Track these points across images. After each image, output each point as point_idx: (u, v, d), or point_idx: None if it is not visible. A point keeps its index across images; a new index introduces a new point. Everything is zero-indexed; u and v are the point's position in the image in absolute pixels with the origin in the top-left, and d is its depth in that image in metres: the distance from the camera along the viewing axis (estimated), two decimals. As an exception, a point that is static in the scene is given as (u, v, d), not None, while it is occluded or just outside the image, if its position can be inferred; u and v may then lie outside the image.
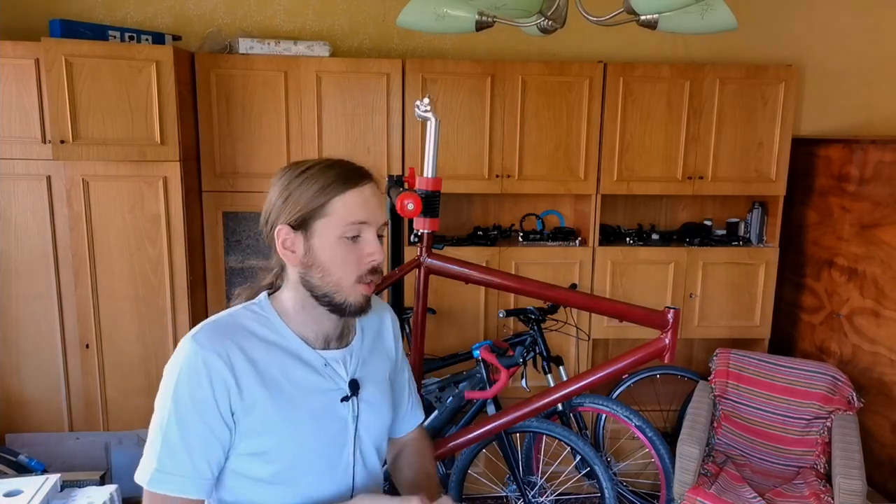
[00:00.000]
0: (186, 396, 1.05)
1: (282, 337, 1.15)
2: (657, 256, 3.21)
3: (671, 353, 1.40)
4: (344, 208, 1.10)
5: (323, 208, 1.10)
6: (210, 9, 3.18)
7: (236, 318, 1.15)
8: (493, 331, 3.19)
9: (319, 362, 1.16)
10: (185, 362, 1.07)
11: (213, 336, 1.09)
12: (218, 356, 1.07)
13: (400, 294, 2.02)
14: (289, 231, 1.12)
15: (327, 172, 1.12)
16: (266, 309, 1.17)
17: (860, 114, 3.48)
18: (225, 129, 2.96)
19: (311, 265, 1.12)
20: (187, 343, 1.09)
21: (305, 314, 1.16)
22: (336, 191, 1.10)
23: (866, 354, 2.94)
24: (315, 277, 1.12)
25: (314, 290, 1.13)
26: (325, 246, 1.11)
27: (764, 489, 2.61)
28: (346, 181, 1.11)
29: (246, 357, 1.09)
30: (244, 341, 1.11)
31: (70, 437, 2.93)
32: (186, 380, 1.06)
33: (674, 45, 3.41)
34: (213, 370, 1.06)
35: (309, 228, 1.11)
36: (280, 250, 1.13)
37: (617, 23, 1.55)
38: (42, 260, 2.84)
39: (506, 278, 1.64)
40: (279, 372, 1.11)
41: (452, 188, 3.05)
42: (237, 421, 1.08)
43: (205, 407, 1.06)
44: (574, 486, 2.98)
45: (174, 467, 1.05)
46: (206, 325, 1.12)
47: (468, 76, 3.00)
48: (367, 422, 1.21)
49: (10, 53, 2.69)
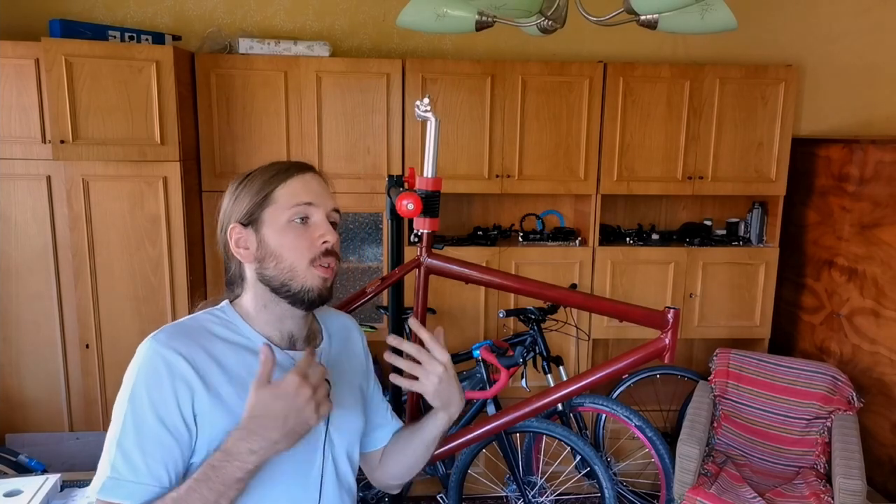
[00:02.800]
0: (144, 398, 1.00)
1: (246, 338, 1.12)
2: (657, 256, 3.22)
3: (671, 353, 1.40)
4: (288, 193, 1.12)
5: (268, 199, 1.12)
6: (210, 9, 3.18)
7: (199, 321, 1.13)
8: (493, 331, 3.19)
9: (287, 362, 1.13)
10: (143, 362, 1.03)
11: (174, 336, 1.07)
12: (180, 355, 1.03)
13: (400, 294, 2.01)
14: (240, 229, 1.13)
15: (268, 170, 1.15)
16: (228, 313, 1.15)
17: (860, 114, 3.48)
18: (225, 129, 2.96)
19: (263, 257, 1.12)
20: (146, 344, 1.05)
21: (268, 313, 1.14)
22: (278, 180, 1.13)
23: (866, 354, 2.94)
24: (269, 268, 1.11)
25: (271, 282, 1.11)
26: (274, 233, 1.11)
27: (764, 489, 2.61)
28: (287, 172, 1.14)
29: (210, 357, 1.06)
30: (207, 342, 1.08)
31: (70, 437, 2.93)
32: (145, 380, 1.01)
33: (674, 45, 3.41)
34: (175, 369, 1.02)
35: (258, 221, 1.12)
36: (234, 250, 1.14)
37: (617, 23, 1.55)
38: (42, 260, 2.84)
39: (506, 278, 1.63)
40: (246, 372, 1.07)
41: (452, 188, 3.05)
42: (200, 423, 1.03)
43: (164, 408, 1.00)
44: (574, 486, 2.98)
45: (129, 473, 0.98)
46: (167, 327, 1.10)
47: (468, 76, 3.00)
48: (338, 424, 1.18)
49: (10, 53, 2.69)
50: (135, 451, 0.99)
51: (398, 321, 2.02)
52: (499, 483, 3.00)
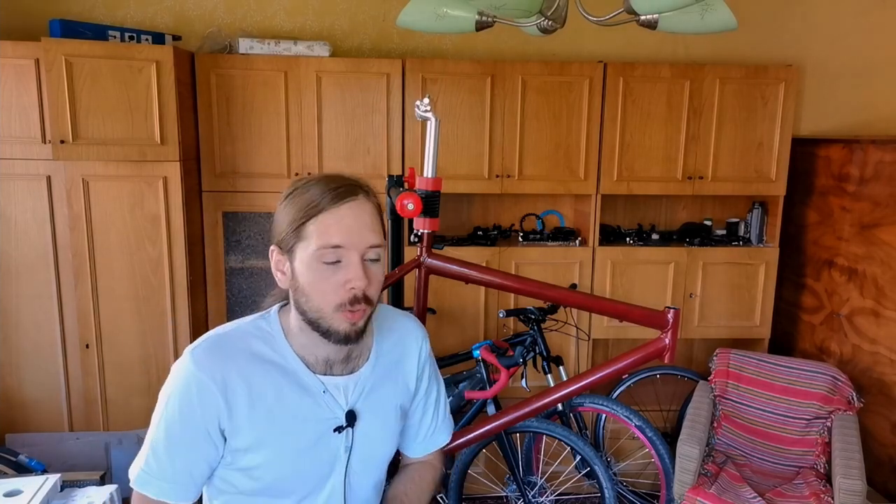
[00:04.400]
0: (176, 412, 1.09)
1: (282, 357, 1.13)
2: (657, 256, 3.21)
3: (671, 353, 1.40)
4: (317, 232, 1.05)
5: (299, 232, 1.06)
6: (210, 9, 3.18)
7: (241, 333, 1.15)
8: (493, 331, 3.19)
9: (318, 388, 1.13)
10: (179, 380, 1.10)
11: (210, 355, 1.10)
12: (211, 379, 1.08)
13: (400, 294, 2.02)
14: (278, 252, 1.11)
15: (307, 193, 1.08)
16: (273, 324, 1.15)
17: (860, 114, 3.48)
18: (225, 129, 2.96)
19: (296, 288, 1.09)
20: (186, 360, 1.10)
21: (304, 337, 1.13)
22: (314, 211, 1.05)
23: (866, 354, 2.94)
24: (301, 301, 1.09)
25: (304, 315, 1.10)
26: (304, 270, 1.06)
27: (764, 489, 2.61)
28: (322, 202, 1.06)
29: (241, 377, 1.10)
30: (242, 360, 1.11)
31: (70, 437, 2.93)
32: (178, 397, 1.09)
33: (674, 45, 3.41)
34: (205, 393, 1.08)
35: (292, 251, 1.08)
36: (273, 271, 1.13)
37: (617, 23, 1.55)
38: (42, 260, 2.84)
39: (506, 278, 1.63)
40: (273, 395, 1.11)
41: (452, 188, 3.05)
42: (227, 438, 1.11)
43: (192, 425, 1.09)
44: (574, 486, 2.98)
45: (158, 472, 1.10)
46: (207, 341, 1.13)
47: (468, 76, 3.00)
48: (362, 455, 1.18)
49: (10, 53, 2.69)
50: (164, 454, 1.10)
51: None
52: (499, 483, 2.99)
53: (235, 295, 3.14)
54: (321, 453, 1.14)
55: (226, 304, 3.12)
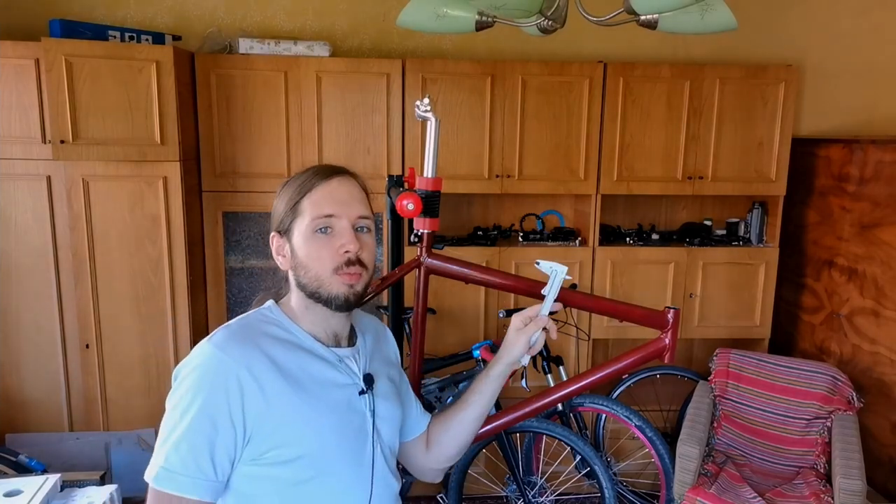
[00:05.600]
0: (199, 399, 1.06)
1: (295, 336, 1.18)
2: (657, 256, 3.21)
3: (671, 353, 1.40)
4: (311, 204, 1.16)
5: (296, 209, 1.17)
6: (210, 9, 3.18)
7: (251, 321, 1.18)
8: (493, 331, 3.19)
9: (334, 358, 1.19)
10: (201, 365, 1.08)
11: (230, 339, 1.12)
12: (235, 360, 1.08)
13: (400, 294, 2.01)
14: (278, 237, 1.21)
15: (300, 177, 1.20)
16: (276, 312, 1.21)
17: (860, 114, 3.48)
18: (225, 129, 2.96)
19: (296, 266, 1.18)
20: (204, 346, 1.10)
21: (311, 314, 1.20)
22: (305, 189, 1.17)
23: (866, 354, 2.94)
24: (301, 276, 1.17)
25: (305, 289, 1.18)
26: (301, 244, 1.16)
27: (764, 489, 2.61)
28: (313, 180, 1.18)
29: (265, 355, 1.11)
30: (261, 340, 1.13)
31: (70, 437, 2.93)
32: (199, 382, 1.07)
33: (674, 45, 3.41)
34: (231, 373, 1.07)
35: (290, 231, 1.18)
36: (274, 256, 1.22)
37: (617, 23, 1.55)
38: (42, 260, 2.84)
39: (506, 278, 1.63)
40: (298, 367, 1.14)
41: (452, 188, 3.05)
42: (253, 423, 1.08)
43: (217, 411, 1.06)
44: (574, 486, 2.98)
45: (181, 467, 1.05)
46: (222, 330, 1.14)
47: (468, 76, 3.00)
48: (384, 415, 1.24)
49: (10, 53, 2.69)
50: (186, 447, 1.05)
51: (398, 321, 2.02)
52: (499, 483, 2.99)
53: (235, 295, 3.14)
54: (354, 418, 1.18)
55: (226, 304, 3.12)
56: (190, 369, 1.08)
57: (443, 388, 2.82)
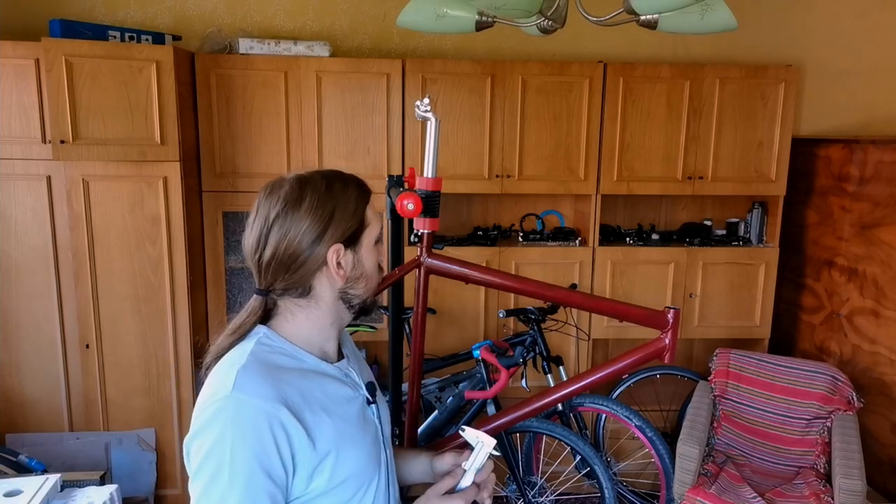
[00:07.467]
0: (248, 453, 0.97)
1: (304, 362, 1.11)
2: (657, 256, 3.22)
3: (671, 353, 1.40)
4: (373, 215, 1.16)
5: (364, 219, 1.14)
6: (210, 9, 3.18)
7: (261, 358, 1.07)
8: (493, 331, 3.19)
9: (340, 374, 1.17)
10: (236, 417, 0.98)
11: (255, 381, 1.02)
12: (270, 402, 1.00)
13: (400, 294, 2.01)
14: (343, 250, 1.10)
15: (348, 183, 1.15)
16: (275, 339, 1.11)
17: (860, 114, 3.48)
18: (225, 129, 2.96)
19: (358, 277, 1.14)
20: (234, 398, 0.99)
21: (318, 333, 1.14)
22: (365, 199, 1.15)
23: (866, 354, 2.94)
24: (359, 287, 1.15)
25: (352, 301, 1.15)
26: (368, 255, 1.15)
27: (764, 489, 2.61)
28: (364, 189, 1.17)
29: (291, 388, 1.04)
30: (284, 375, 1.06)
31: (70, 437, 2.93)
32: (242, 436, 0.97)
33: (674, 45, 3.41)
34: (272, 417, 0.99)
35: (357, 241, 1.13)
36: (334, 271, 1.10)
37: (617, 23, 1.56)
38: (42, 260, 2.84)
39: (506, 278, 1.63)
40: (320, 392, 1.09)
41: (452, 188, 3.05)
42: (297, 461, 1.02)
43: (266, 459, 0.98)
44: (574, 486, 2.98)
45: None
46: (242, 375, 1.02)
47: (468, 76, 3.00)
48: (384, 422, 1.25)
49: (10, 53, 2.69)
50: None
51: (398, 321, 2.02)
52: (499, 483, 3.00)
53: (235, 295, 3.14)
54: (370, 429, 1.18)
55: (226, 304, 3.12)
56: (228, 426, 0.97)
57: (443, 388, 2.82)
